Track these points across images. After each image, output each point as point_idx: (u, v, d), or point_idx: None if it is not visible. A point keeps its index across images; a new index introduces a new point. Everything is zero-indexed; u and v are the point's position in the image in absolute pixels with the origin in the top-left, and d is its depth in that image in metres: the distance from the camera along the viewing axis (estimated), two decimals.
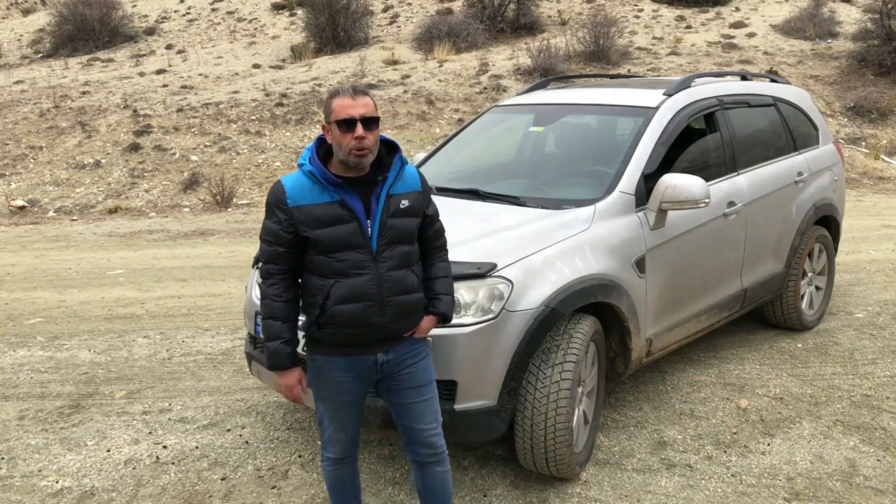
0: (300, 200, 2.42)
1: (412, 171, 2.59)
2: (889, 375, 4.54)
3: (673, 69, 15.29)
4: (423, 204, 2.58)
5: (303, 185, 2.44)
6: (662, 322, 3.89)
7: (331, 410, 2.63)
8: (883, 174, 12.44)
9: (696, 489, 3.36)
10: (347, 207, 2.42)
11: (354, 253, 2.42)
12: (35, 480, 3.52)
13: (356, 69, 15.60)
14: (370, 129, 2.39)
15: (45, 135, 12.98)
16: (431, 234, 2.65)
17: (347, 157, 2.39)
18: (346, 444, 2.71)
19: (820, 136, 5.54)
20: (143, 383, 4.62)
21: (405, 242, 2.51)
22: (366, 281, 2.43)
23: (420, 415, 2.65)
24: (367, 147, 2.39)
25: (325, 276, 2.44)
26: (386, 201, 2.47)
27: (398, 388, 2.62)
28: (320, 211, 2.41)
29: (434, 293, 2.64)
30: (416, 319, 2.58)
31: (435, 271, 2.65)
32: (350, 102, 2.39)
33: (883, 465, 3.55)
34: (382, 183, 2.47)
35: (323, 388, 2.60)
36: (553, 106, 4.69)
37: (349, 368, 2.54)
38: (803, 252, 5.04)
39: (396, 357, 2.57)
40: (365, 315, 2.44)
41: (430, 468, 2.72)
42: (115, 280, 7.12)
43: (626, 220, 3.68)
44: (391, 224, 2.46)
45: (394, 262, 2.47)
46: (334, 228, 2.41)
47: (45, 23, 21.14)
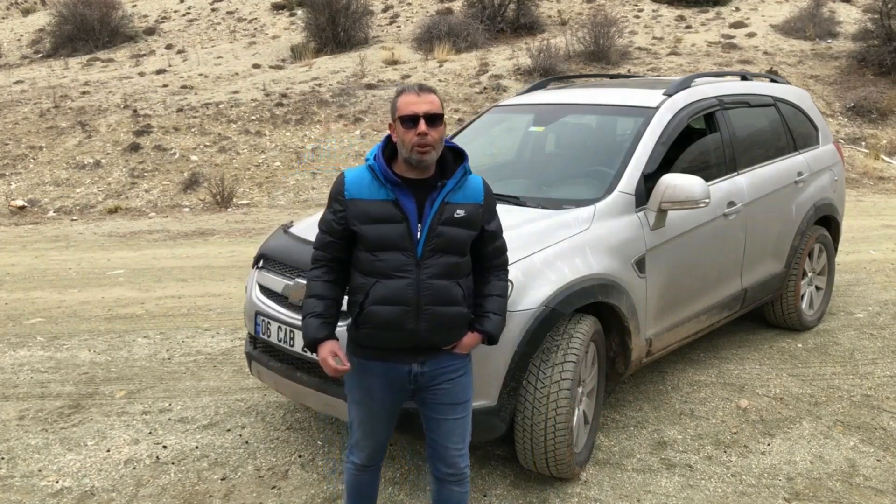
0: (356, 194, 2.42)
1: (477, 183, 2.53)
2: (889, 375, 4.54)
3: (673, 69, 15.29)
4: (482, 218, 2.50)
5: (362, 180, 2.44)
6: (662, 322, 3.89)
7: (361, 415, 2.59)
8: (883, 174, 12.44)
9: (696, 489, 3.36)
10: (400, 207, 2.39)
11: (398, 255, 2.39)
12: (35, 480, 3.52)
13: (356, 69, 15.60)
14: (433, 126, 2.36)
15: (45, 135, 12.98)
16: (490, 250, 2.56)
17: (410, 153, 2.37)
18: (371, 451, 2.66)
19: (820, 136, 5.54)
20: (143, 383, 4.62)
21: (453, 253, 2.44)
22: (405, 285, 2.39)
23: (449, 433, 2.58)
24: (430, 143, 2.36)
25: (368, 274, 2.43)
26: (440, 207, 2.41)
27: (432, 402, 2.56)
28: (373, 207, 2.40)
29: (483, 310, 2.56)
30: (456, 334, 2.50)
31: (489, 289, 2.58)
32: (415, 99, 2.38)
33: (883, 465, 3.55)
34: (441, 189, 2.43)
35: (356, 391, 2.57)
36: (553, 106, 4.69)
37: (383, 375, 2.50)
38: (803, 252, 5.04)
39: (432, 370, 2.50)
40: (399, 319, 2.40)
41: (449, 486, 2.65)
42: (115, 280, 7.12)
43: (626, 220, 3.68)
44: (440, 231, 2.41)
45: (437, 270, 2.41)
46: (383, 227, 2.39)
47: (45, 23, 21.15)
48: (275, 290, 3.51)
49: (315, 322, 2.49)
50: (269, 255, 3.70)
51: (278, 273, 3.53)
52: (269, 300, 3.54)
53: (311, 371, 3.31)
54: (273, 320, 3.45)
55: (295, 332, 3.31)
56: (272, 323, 3.45)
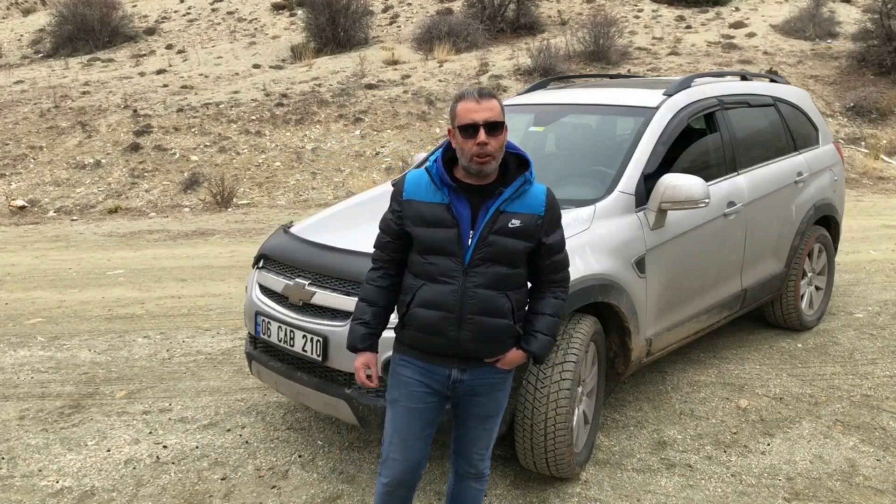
0: (413, 195, 2.40)
1: (540, 193, 2.42)
2: (889, 375, 4.54)
3: (673, 69, 15.29)
4: (541, 230, 2.40)
5: (420, 182, 2.41)
6: (662, 322, 3.89)
7: (399, 418, 2.49)
8: (883, 174, 12.45)
9: (696, 489, 3.36)
10: (452, 212, 2.34)
11: (446, 259, 2.35)
12: (35, 480, 3.52)
13: (356, 69, 15.60)
14: (494, 135, 2.28)
15: (45, 135, 12.98)
16: (547, 264, 2.46)
17: (469, 163, 2.30)
18: (405, 466, 2.49)
19: (820, 137, 5.54)
20: (143, 383, 4.63)
21: (504, 263, 2.36)
22: (450, 291, 2.34)
23: (475, 439, 2.57)
24: (490, 153, 2.28)
25: (418, 276, 2.41)
26: (494, 216, 2.34)
27: (465, 409, 2.53)
28: (427, 209, 2.37)
29: (532, 328, 2.46)
30: (499, 347, 2.42)
31: (541, 306, 2.48)
32: (474, 107, 2.29)
33: (883, 465, 3.55)
34: (497, 196, 2.35)
35: (395, 388, 2.50)
36: (553, 106, 4.69)
37: (423, 374, 2.45)
38: (803, 252, 5.04)
39: (472, 380, 2.45)
40: (440, 325, 2.36)
41: (467, 482, 2.65)
42: (115, 280, 7.12)
43: (626, 220, 3.68)
44: (492, 241, 2.33)
45: (485, 279, 2.34)
46: (434, 230, 2.35)
47: (45, 23, 21.16)
48: (275, 290, 3.51)
49: (360, 330, 2.50)
50: (269, 255, 3.70)
51: (278, 273, 3.53)
52: (269, 300, 3.55)
53: (311, 371, 3.31)
54: (273, 320, 3.45)
55: (295, 332, 3.31)
56: (272, 323, 3.45)
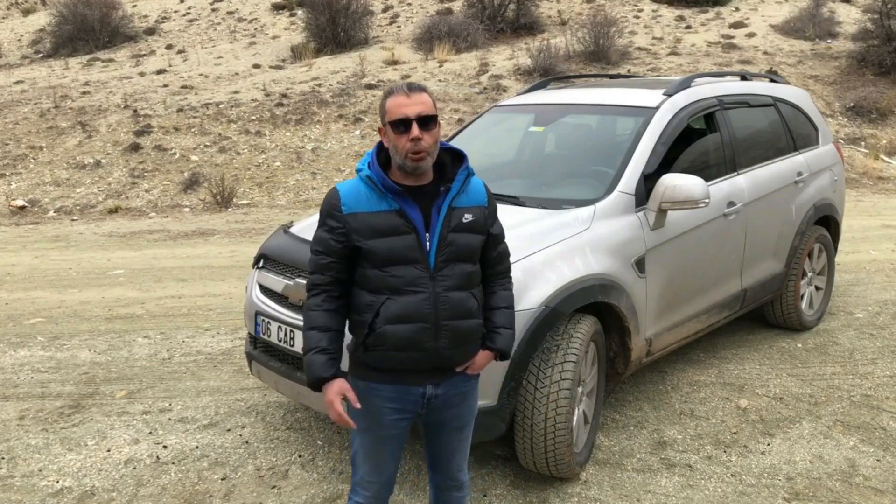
0: (355, 208, 2.23)
1: (479, 185, 2.38)
2: (889, 375, 4.54)
3: (673, 69, 15.29)
4: (487, 221, 2.36)
5: (359, 192, 2.25)
6: (662, 322, 3.89)
7: (368, 445, 2.39)
8: (883, 174, 12.44)
9: (696, 489, 3.36)
10: (406, 218, 2.22)
11: (410, 268, 2.22)
12: (35, 480, 3.52)
13: (356, 69, 15.60)
14: (427, 130, 2.20)
15: (45, 135, 12.98)
16: (494, 255, 2.42)
17: (404, 160, 2.20)
18: (379, 488, 2.44)
19: (820, 137, 5.54)
20: (143, 383, 4.63)
21: (466, 261, 2.29)
22: (421, 300, 2.22)
23: (452, 452, 2.50)
24: (425, 149, 2.19)
25: (377, 291, 2.24)
26: (447, 214, 2.26)
27: (438, 425, 2.44)
28: (376, 220, 2.22)
29: (493, 325, 2.40)
30: (472, 350, 2.35)
31: (496, 300, 2.42)
32: (405, 101, 2.20)
33: (883, 465, 3.55)
34: (445, 194, 2.27)
35: (362, 418, 2.34)
36: (553, 106, 4.69)
37: (394, 398, 2.32)
38: (803, 252, 5.04)
39: (446, 392, 2.35)
40: (417, 338, 2.23)
41: (449, 493, 2.58)
42: (115, 280, 7.12)
43: (626, 220, 3.68)
44: (452, 239, 2.25)
45: (453, 281, 2.25)
46: (390, 240, 2.21)
47: (45, 23, 21.16)
48: (275, 290, 3.51)
49: (321, 358, 2.25)
50: (269, 255, 3.70)
51: (278, 273, 3.54)
52: (269, 300, 3.55)
53: None
54: (273, 320, 3.45)
55: (295, 332, 3.31)
56: (272, 323, 3.46)
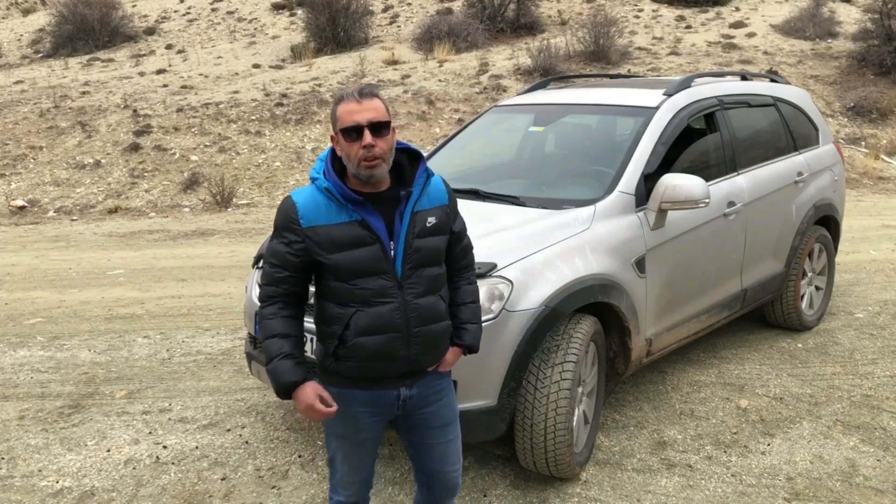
0: (315, 220, 2.15)
1: (438, 184, 2.32)
2: (889, 375, 4.54)
3: (673, 69, 15.29)
4: (450, 219, 2.32)
5: (317, 203, 2.17)
6: (662, 322, 3.89)
7: (346, 449, 2.37)
8: (883, 174, 12.44)
9: (696, 489, 3.36)
10: (369, 228, 2.15)
11: (377, 279, 2.16)
12: (35, 480, 3.52)
13: (356, 69, 15.60)
14: (380, 136, 2.12)
15: (45, 135, 12.98)
16: (458, 251, 2.39)
17: (357, 168, 2.14)
18: (358, 486, 2.44)
19: (820, 136, 5.54)
20: (143, 383, 4.62)
21: (433, 265, 2.25)
22: (391, 310, 2.17)
23: (444, 456, 2.43)
24: (378, 156, 2.12)
25: (345, 304, 2.19)
26: (411, 219, 2.20)
27: (420, 428, 2.39)
28: (338, 232, 2.14)
29: (460, 321, 2.38)
30: (442, 350, 2.34)
31: (461, 296, 2.40)
32: (355, 107, 2.13)
33: (883, 465, 3.55)
34: (406, 199, 2.20)
35: (338, 424, 2.31)
36: (553, 106, 4.69)
37: (368, 402, 2.30)
38: (803, 252, 5.04)
39: (420, 392, 2.32)
40: (390, 348, 2.19)
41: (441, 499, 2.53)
42: (115, 280, 7.12)
43: (626, 220, 3.68)
44: (417, 246, 2.20)
45: (421, 287, 2.21)
46: (354, 252, 2.15)
47: (45, 23, 21.15)
48: None
49: (287, 364, 2.19)
50: None
51: None
52: None
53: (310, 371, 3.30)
54: None
55: None
56: None
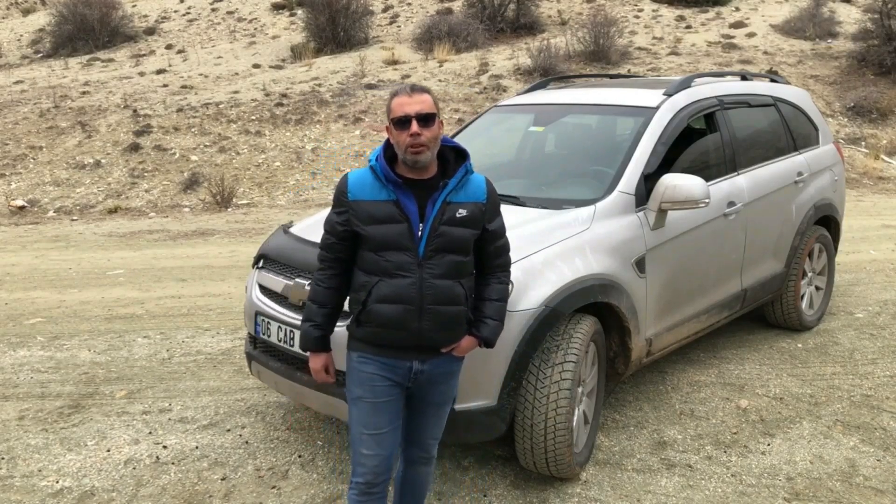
0: (359, 195, 2.45)
1: (480, 182, 2.54)
2: (889, 375, 4.54)
3: (673, 69, 15.29)
4: (484, 217, 2.52)
5: (364, 181, 2.47)
6: (662, 322, 3.89)
7: (363, 414, 2.49)
8: (883, 174, 12.44)
9: (696, 489, 3.36)
10: (401, 208, 2.41)
11: (401, 254, 2.41)
12: (35, 480, 3.52)
13: (356, 69, 15.60)
14: (426, 126, 2.39)
15: (45, 135, 12.98)
16: (492, 250, 2.58)
17: (405, 154, 2.40)
18: (379, 461, 2.48)
19: (820, 136, 5.54)
20: (143, 383, 4.62)
21: (456, 252, 2.46)
22: (408, 284, 2.40)
23: (429, 427, 2.66)
24: (423, 143, 2.38)
25: (372, 273, 2.44)
26: (441, 207, 2.43)
27: (423, 401, 2.60)
28: (375, 208, 2.42)
29: (482, 315, 2.58)
30: (457, 333, 2.52)
31: (488, 292, 2.60)
32: (407, 100, 2.40)
33: (883, 465, 3.55)
34: (442, 188, 2.45)
35: (356, 386, 2.51)
36: (553, 106, 4.69)
37: (384, 368, 2.49)
38: (803, 252, 5.04)
39: (431, 370, 2.52)
40: (403, 318, 2.42)
41: (417, 467, 2.74)
42: (115, 280, 7.12)
43: (626, 220, 3.68)
44: (442, 231, 2.42)
45: (441, 270, 2.43)
46: (385, 227, 2.41)
47: (45, 23, 21.15)
48: (275, 290, 3.51)
49: (314, 332, 2.58)
50: (269, 255, 3.70)
51: (278, 273, 3.53)
52: (269, 300, 3.54)
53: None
54: (273, 320, 3.45)
55: (295, 332, 3.30)
56: (272, 323, 3.45)
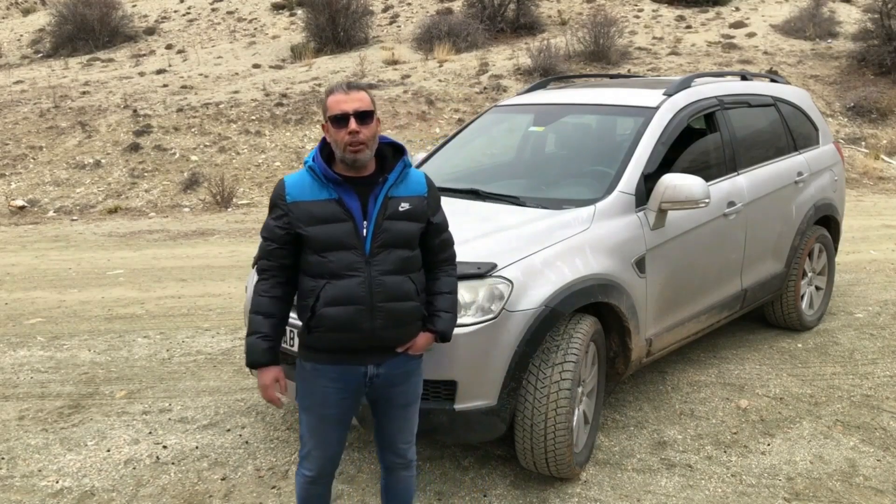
0: (298, 197, 2.40)
1: (419, 176, 2.54)
2: (889, 375, 4.54)
3: (673, 69, 15.29)
4: (427, 210, 2.51)
5: (303, 183, 2.42)
6: (662, 322, 3.89)
7: (313, 423, 2.53)
8: (883, 174, 12.44)
9: (696, 489, 3.36)
10: (344, 206, 2.38)
11: (347, 254, 2.37)
12: (35, 480, 3.52)
13: (356, 69, 15.60)
14: (364, 124, 2.36)
15: (45, 135, 12.98)
16: (437, 243, 2.56)
17: (343, 153, 2.37)
18: (323, 462, 2.58)
19: (820, 136, 5.54)
20: (143, 383, 4.62)
21: (402, 247, 2.43)
22: (357, 284, 2.36)
23: (399, 430, 2.62)
24: (362, 141, 2.35)
25: (317, 276, 2.39)
26: (384, 202, 2.41)
27: (385, 403, 2.57)
28: (316, 208, 2.38)
29: (434, 309, 2.55)
30: (410, 331, 2.49)
31: (438, 286, 2.57)
32: (343, 97, 2.36)
33: (883, 465, 3.55)
34: (382, 184, 2.42)
35: (307, 397, 2.51)
36: (553, 106, 4.69)
37: (338, 379, 2.46)
38: (803, 252, 5.04)
39: (387, 371, 2.49)
40: (354, 319, 2.37)
41: (398, 473, 2.70)
42: (115, 280, 7.12)
43: (626, 220, 3.68)
44: (387, 226, 2.40)
45: (388, 266, 2.39)
46: (328, 227, 2.37)
47: (45, 23, 21.15)
48: None
49: (261, 345, 2.45)
50: None
51: None
52: None
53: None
54: None
55: (294, 332, 3.30)
56: None
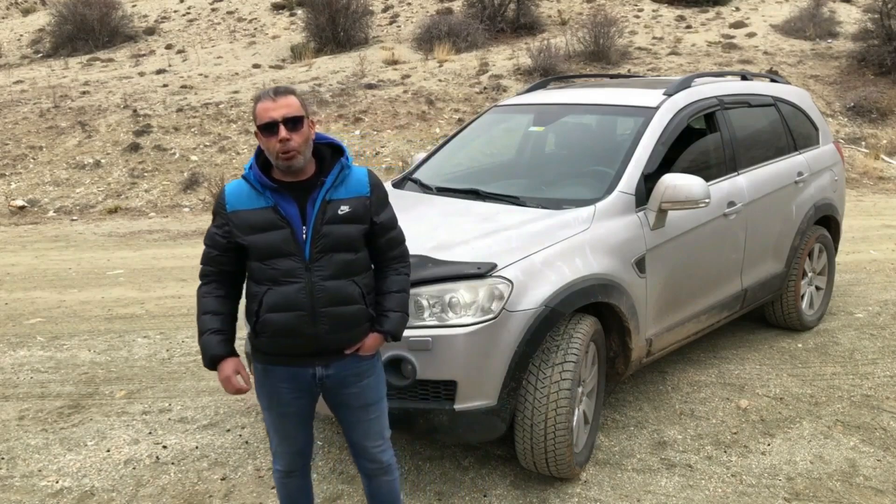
0: (237, 206, 2.38)
1: (361, 175, 2.47)
2: (889, 375, 4.54)
3: (673, 69, 15.29)
4: (370, 210, 2.44)
5: (241, 191, 2.39)
6: (662, 322, 3.89)
7: (273, 420, 2.56)
8: (883, 174, 12.44)
9: (696, 489, 3.36)
10: (280, 213, 2.35)
11: (287, 260, 2.34)
12: (35, 480, 3.52)
13: (356, 69, 15.60)
14: (295, 130, 2.31)
15: (45, 135, 12.98)
16: (384, 243, 2.50)
17: (277, 161, 2.33)
18: (291, 456, 2.62)
19: (820, 136, 5.54)
20: (143, 383, 4.62)
21: (344, 251, 2.38)
22: (297, 290, 2.34)
23: (365, 434, 2.59)
24: (293, 148, 2.30)
25: (260, 282, 2.38)
26: (322, 206, 2.36)
27: (342, 406, 2.55)
28: (254, 216, 2.35)
29: (383, 309, 2.50)
30: (357, 333, 2.45)
31: (387, 285, 2.52)
32: (271, 105, 2.31)
33: (883, 465, 3.55)
34: (320, 187, 2.37)
35: (264, 397, 2.53)
36: (553, 106, 4.69)
37: (289, 379, 2.47)
38: (803, 252, 5.04)
39: (338, 373, 2.47)
40: (296, 325, 2.35)
41: (377, 479, 2.68)
42: (115, 280, 7.12)
43: (626, 220, 3.68)
44: (326, 231, 2.35)
45: (330, 271, 2.36)
46: (266, 235, 2.34)
47: (45, 23, 21.14)
48: None
49: (215, 339, 2.43)
50: None
51: None
52: None
53: None
54: None
55: None
56: None
